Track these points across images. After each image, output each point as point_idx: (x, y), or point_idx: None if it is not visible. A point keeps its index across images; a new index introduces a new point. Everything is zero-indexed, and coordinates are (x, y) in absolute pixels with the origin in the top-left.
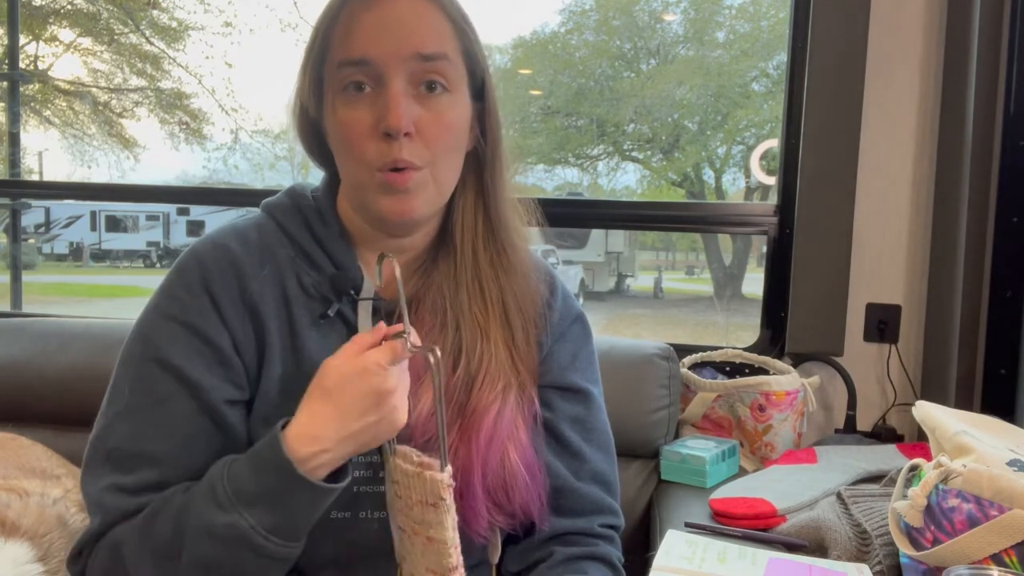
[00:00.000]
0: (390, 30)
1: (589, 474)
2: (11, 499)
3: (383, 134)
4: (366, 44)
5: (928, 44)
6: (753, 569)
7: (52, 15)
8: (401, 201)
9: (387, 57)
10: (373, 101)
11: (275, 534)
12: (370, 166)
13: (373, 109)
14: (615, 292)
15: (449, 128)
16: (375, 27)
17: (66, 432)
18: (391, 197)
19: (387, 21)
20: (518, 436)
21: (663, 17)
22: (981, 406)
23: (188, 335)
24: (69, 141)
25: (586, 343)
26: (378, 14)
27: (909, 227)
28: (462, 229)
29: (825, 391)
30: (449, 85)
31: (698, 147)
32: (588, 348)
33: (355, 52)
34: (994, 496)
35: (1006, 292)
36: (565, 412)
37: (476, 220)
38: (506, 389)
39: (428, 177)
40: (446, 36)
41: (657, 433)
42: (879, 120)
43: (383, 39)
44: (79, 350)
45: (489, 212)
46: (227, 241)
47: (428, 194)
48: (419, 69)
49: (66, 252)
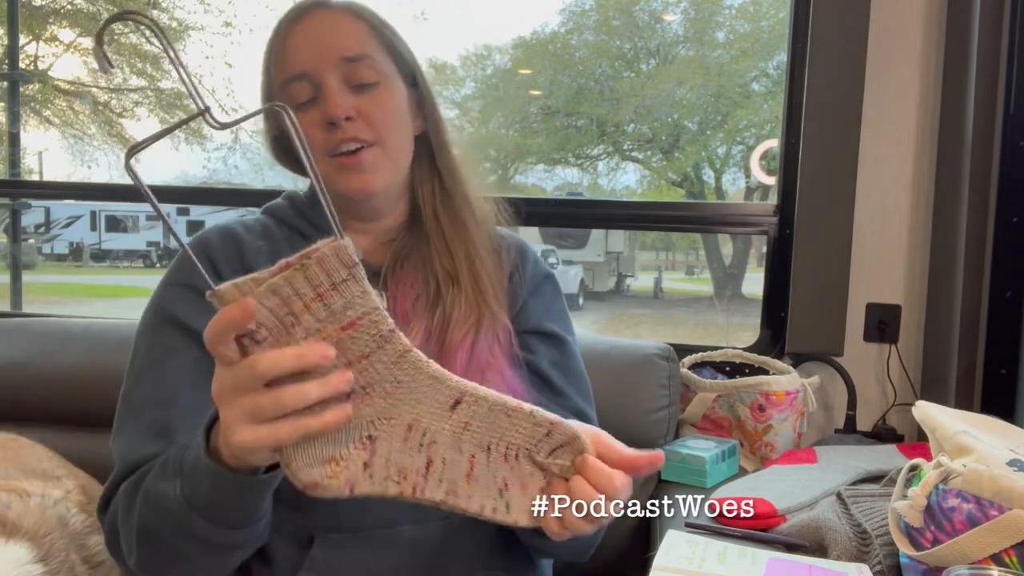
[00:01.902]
0: (316, 43)
1: (571, 410)
2: (12, 500)
3: (327, 124)
4: (299, 60)
5: (928, 44)
6: (753, 569)
7: (52, 15)
8: (359, 178)
9: (318, 65)
10: (319, 106)
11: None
12: (324, 155)
13: (319, 110)
14: (615, 292)
15: (387, 109)
16: (304, 44)
17: (66, 432)
18: (349, 175)
19: (312, 36)
20: (497, 365)
21: (663, 17)
22: (981, 406)
23: (190, 293)
24: (69, 141)
25: (557, 298)
26: (303, 33)
27: (909, 227)
28: (423, 200)
29: (825, 391)
30: (379, 78)
31: (698, 147)
32: (560, 303)
33: (292, 69)
34: (994, 496)
35: (1006, 292)
36: (545, 355)
37: (434, 190)
38: (479, 322)
39: (380, 154)
40: (365, 39)
41: (657, 433)
42: (879, 120)
43: (311, 52)
44: (79, 350)
45: (444, 182)
46: (230, 224)
47: (384, 170)
48: (348, 70)
49: (66, 252)
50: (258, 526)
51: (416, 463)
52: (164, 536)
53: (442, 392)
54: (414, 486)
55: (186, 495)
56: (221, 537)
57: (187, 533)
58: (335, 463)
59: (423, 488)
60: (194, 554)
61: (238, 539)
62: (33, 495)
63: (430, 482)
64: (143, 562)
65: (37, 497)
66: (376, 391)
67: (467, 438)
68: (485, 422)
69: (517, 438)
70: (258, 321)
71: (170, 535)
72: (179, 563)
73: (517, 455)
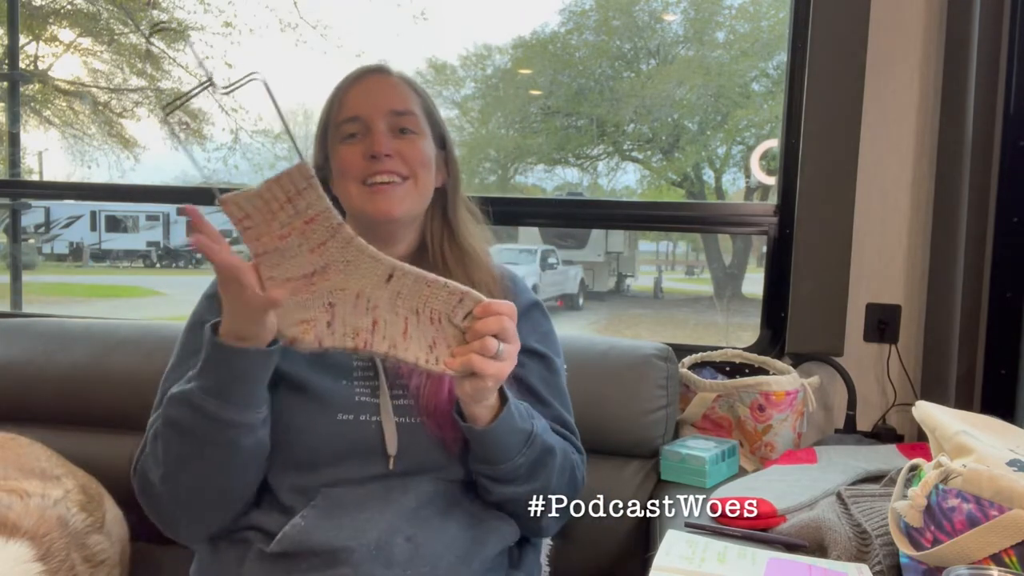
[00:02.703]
0: (371, 96)
1: (553, 417)
2: (12, 500)
3: (369, 157)
4: (355, 106)
5: (928, 44)
6: (753, 569)
7: (52, 15)
8: (386, 203)
9: (370, 111)
10: (363, 143)
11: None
12: (358, 180)
13: (363, 147)
14: (615, 292)
15: (421, 152)
16: (362, 95)
17: (66, 432)
18: (377, 200)
19: (369, 90)
20: None
21: (663, 17)
22: (981, 406)
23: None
24: (69, 141)
25: (545, 322)
26: (363, 87)
27: (909, 227)
28: (432, 237)
29: (825, 391)
30: (417, 130)
31: (698, 147)
32: (547, 326)
33: (348, 112)
34: (994, 496)
35: (1006, 292)
36: (534, 371)
37: (443, 233)
38: None
39: (411, 187)
40: (410, 99)
41: (655, 433)
42: (879, 120)
43: (367, 101)
44: (79, 350)
45: (452, 230)
46: None
47: (408, 201)
48: (394, 120)
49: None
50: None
51: (364, 323)
52: (183, 427)
53: (379, 268)
54: (365, 341)
55: (201, 385)
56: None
57: (202, 416)
58: (306, 324)
59: (371, 343)
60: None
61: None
62: (33, 495)
63: (376, 338)
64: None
65: (37, 497)
66: (332, 269)
67: (400, 303)
68: (412, 291)
69: (438, 305)
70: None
71: (188, 423)
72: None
73: (440, 319)
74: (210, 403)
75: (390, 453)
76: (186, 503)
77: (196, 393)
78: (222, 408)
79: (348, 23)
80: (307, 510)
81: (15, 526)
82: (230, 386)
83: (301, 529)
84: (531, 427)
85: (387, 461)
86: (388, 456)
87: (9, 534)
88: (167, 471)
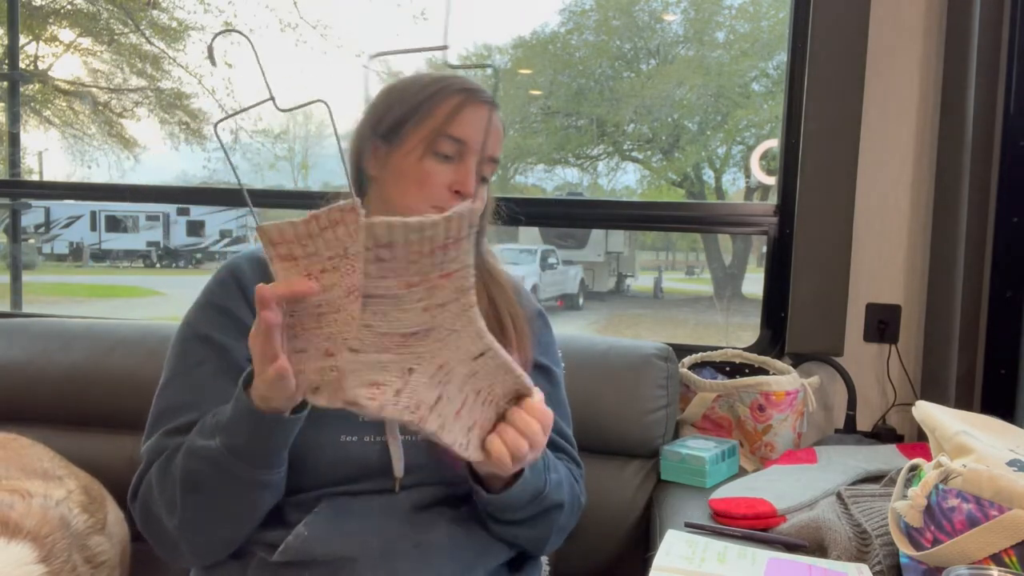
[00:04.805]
0: (482, 131)
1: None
2: (14, 500)
3: (455, 192)
4: (466, 132)
5: (928, 44)
6: (753, 569)
7: (52, 15)
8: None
9: (476, 147)
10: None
11: (239, 457)
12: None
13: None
14: (615, 292)
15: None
16: (477, 122)
17: (67, 432)
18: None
19: (481, 122)
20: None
21: (663, 17)
22: (981, 406)
23: (216, 313)
24: (69, 141)
25: (547, 333)
26: (480, 113)
27: (909, 227)
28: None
29: (825, 391)
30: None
31: (698, 147)
32: (549, 336)
33: (458, 133)
34: (994, 496)
35: (1006, 292)
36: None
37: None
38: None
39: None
40: (502, 146)
41: (655, 433)
42: (879, 120)
43: (476, 134)
44: (80, 350)
45: (480, 250)
46: (257, 250)
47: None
48: (487, 165)
49: (66, 252)
50: (282, 470)
51: (429, 397)
52: (205, 483)
53: (476, 345)
54: (420, 417)
55: (226, 444)
56: (260, 475)
57: (227, 476)
58: (376, 388)
59: (426, 419)
60: (232, 495)
61: (273, 477)
62: (35, 495)
63: (432, 415)
64: (184, 514)
65: (39, 497)
66: (434, 334)
67: (470, 383)
68: (488, 374)
69: (500, 389)
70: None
71: (211, 481)
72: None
73: (492, 402)
74: (238, 466)
75: (396, 476)
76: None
77: (223, 454)
78: (250, 470)
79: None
80: (310, 517)
81: (17, 526)
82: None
83: (304, 539)
84: (543, 486)
85: (393, 483)
86: (394, 478)
87: (11, 535)
88: (184, 519)
